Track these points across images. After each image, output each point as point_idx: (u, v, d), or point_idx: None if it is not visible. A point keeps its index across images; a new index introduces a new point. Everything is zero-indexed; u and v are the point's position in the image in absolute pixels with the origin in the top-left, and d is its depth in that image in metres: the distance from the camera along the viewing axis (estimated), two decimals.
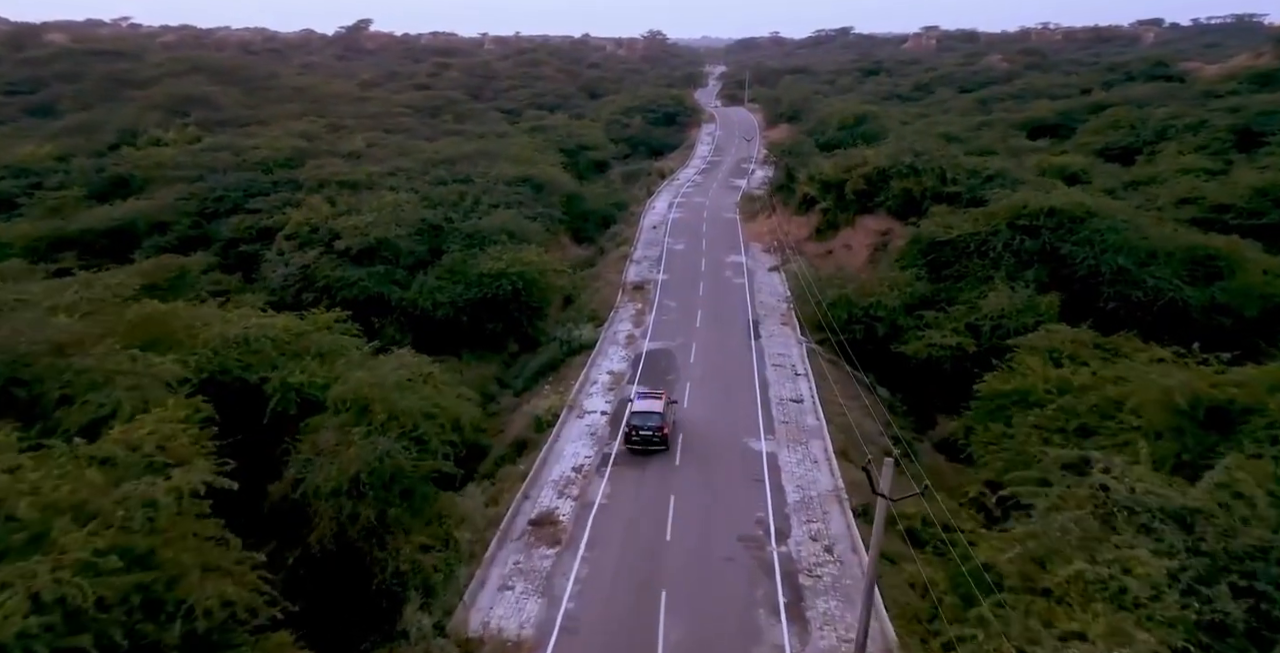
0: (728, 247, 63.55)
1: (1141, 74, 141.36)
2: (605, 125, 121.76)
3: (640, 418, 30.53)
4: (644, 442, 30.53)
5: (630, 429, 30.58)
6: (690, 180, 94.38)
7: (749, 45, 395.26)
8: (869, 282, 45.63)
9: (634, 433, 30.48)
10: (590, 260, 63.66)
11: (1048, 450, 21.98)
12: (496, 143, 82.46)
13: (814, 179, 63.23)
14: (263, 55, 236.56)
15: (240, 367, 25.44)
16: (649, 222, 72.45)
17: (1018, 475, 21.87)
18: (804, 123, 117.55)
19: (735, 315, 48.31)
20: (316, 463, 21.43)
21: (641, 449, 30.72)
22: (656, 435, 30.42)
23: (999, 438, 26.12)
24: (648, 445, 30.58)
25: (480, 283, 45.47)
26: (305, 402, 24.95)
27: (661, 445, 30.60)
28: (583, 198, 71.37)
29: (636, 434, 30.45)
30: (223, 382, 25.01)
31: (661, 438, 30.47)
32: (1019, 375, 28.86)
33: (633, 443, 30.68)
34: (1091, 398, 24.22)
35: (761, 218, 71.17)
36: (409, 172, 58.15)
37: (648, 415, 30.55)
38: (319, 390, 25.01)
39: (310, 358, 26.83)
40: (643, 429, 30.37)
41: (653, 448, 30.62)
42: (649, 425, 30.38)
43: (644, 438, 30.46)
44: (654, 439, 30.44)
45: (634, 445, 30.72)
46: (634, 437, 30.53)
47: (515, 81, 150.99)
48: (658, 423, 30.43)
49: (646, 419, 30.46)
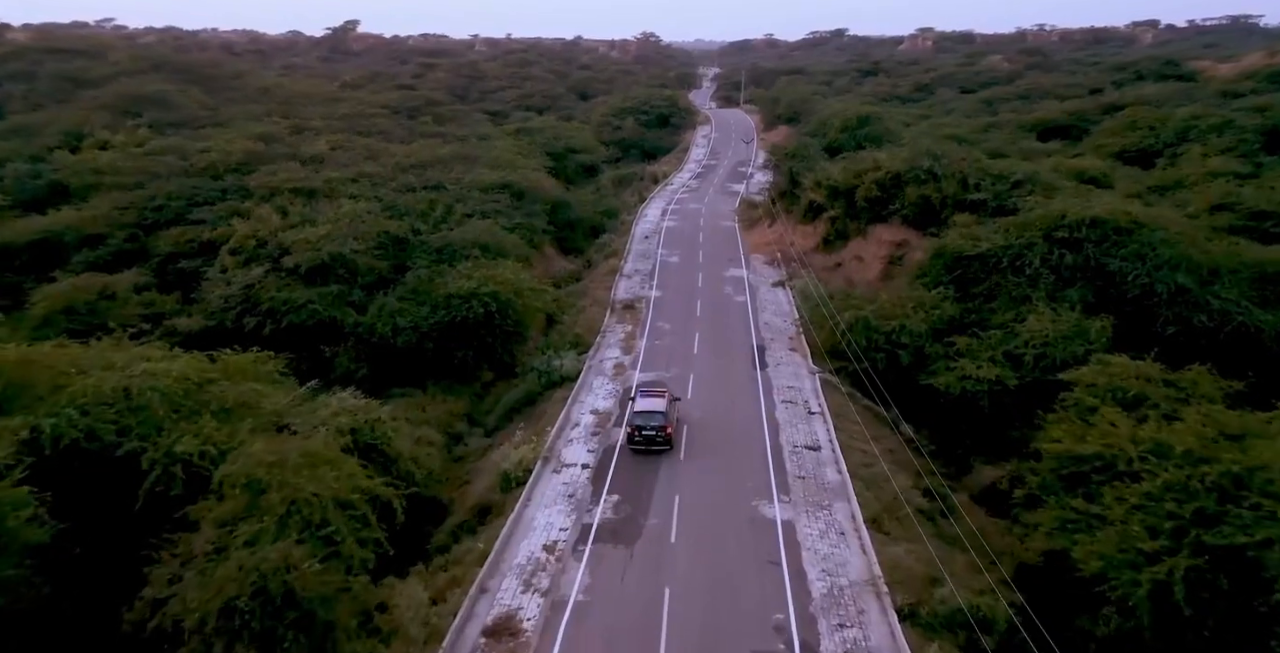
0: (727, 259, 58.09)
1: (1152, 73, 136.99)
2: (595, 127, 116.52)
3: (643, 418, 29.57)
4: (647, 442, 29.57)
5: (632, 430, 29.63)
6: (685, 185, 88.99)
7: (743, 47, 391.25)
8: (890, 302, 40.19)
9: (636, 433, 29.56)
10: (576, 274, 58.16)
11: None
12: (477, 146, 76.99)
13: (821, 185, 57.88)
14: (245, 57, 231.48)
15: (114, 431, 19.83)
16: (641, 231, 66.98)
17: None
18: (804, 125, 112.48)
19: (737, 340, 42.83)
20: (185, 579, 15.83)
21: (644, 450, 29.68)
22: (660, 436, 29.46)
23: (1084, 518, 20.63)
24: (650, 446, 29.60)
25: (448, 305, 39.92)
26: (194, 478, 19.37)
27: (665, 446, 29.64)
28: (569, 205, 65.92)
29: (639, 434, 29.52)
30: (89, 452, 19.41)
31: (665, 438, 29.54)
32: (1097, 432, 23.36)
33: (635, 444, 29.72)
34: (1208, 471, 18.81)
35: (763, 226, 65.77)
36: (374, 177, 52.56)
37: (650, 415, 29.62)
38: (212, 463, 19.42)
39: (211, 416, 21.23)
40: (645, 429, 29.44)
41: (656, 448, 29.63)
42: (652, 425, 29.42)
43: (647, 438, 29.51)
44: (657, 439, 29.51)
45: (637, 446, 29.75)
46: (636, 437, 29.60)
47: (503, 82, 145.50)
48: (661, 422, 29.43)
49: (649, 419, 29.50)
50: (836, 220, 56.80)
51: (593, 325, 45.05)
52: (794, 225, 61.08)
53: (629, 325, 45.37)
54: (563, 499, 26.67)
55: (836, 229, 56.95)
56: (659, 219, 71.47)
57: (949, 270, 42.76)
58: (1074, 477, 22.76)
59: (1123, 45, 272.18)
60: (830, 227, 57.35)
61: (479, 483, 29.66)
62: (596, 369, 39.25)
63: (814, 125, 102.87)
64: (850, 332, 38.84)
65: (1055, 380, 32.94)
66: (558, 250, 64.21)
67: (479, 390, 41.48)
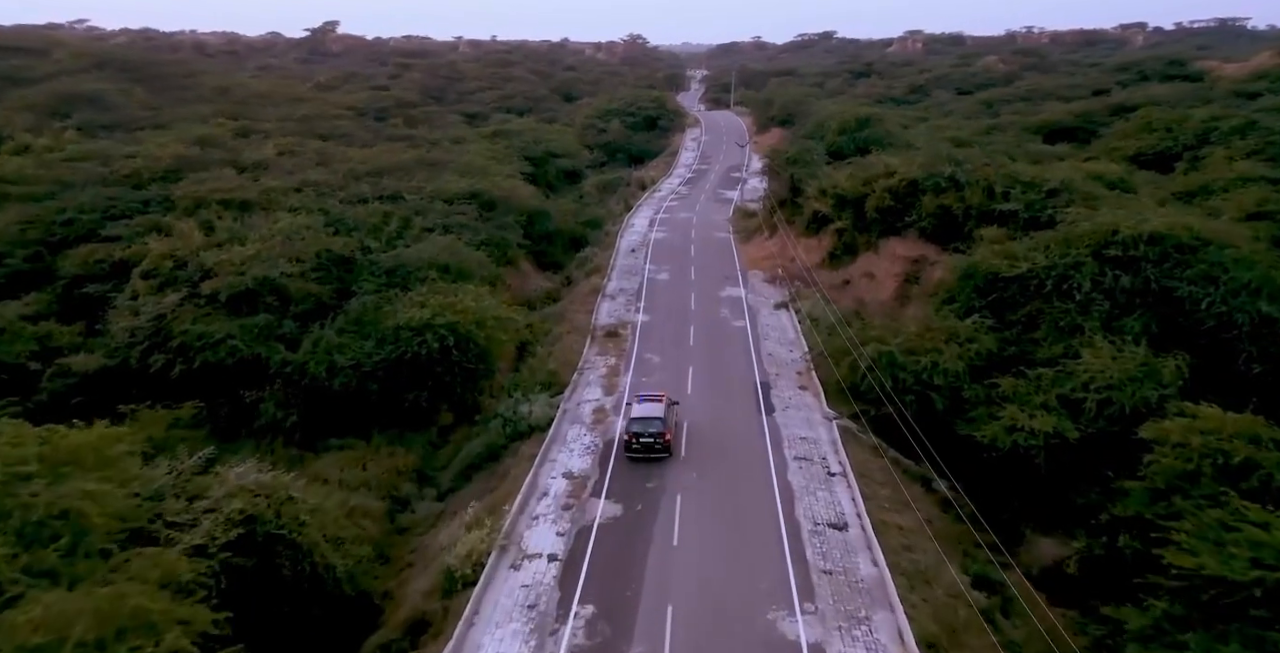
0: (722, 276, 52.07)
1: (1156, 74, 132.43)
2: (579, 130, 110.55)
3: (640, 424, 28.53)
4: (645, 449, 28.48)
5: (630, 436, 28.58)
6: (675, 192, 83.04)
7: (731, 50, 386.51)
8: (917, 333, 34.25)
9: (634, 440, 28.52)
10: (554, 293, 51.99)
11: None
12: (449, 150, 70.84)
13: (826, 194, 51.99)
14: (219, 58, 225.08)
15: None
16: (627, 243, 60.90)
17: None
18: (799, 127, 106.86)
19: (738, 375, 36.80)
20: None
21: (643, 458, 28.55)
22: (659, 443, 28.40)
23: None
24: (649, 454, 28.49)
25: (397, 338, 33.71)
26: None
27: (664, 453, 28.57)
28: (548, 215, 59.78)
29: (637, 441, 28.49)
30: None
31: (664, 445, 28.48)
32: (1244, 539, 17.37)
33: (633, 451, 28.64)
34: None
35: (761, 239, 59.85)
36: (321, 187, 46.23)
37: (648, 421, 28.54)
38: None
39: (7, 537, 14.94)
40: (644, 436, 28.41)
41: (654, 456, 28.51)
42: (650, 431, 28.37)
43: (645, 445, 28.43)
44: (656, 446, 28.43)
45: (635, 454, 28.66)
46: (634, 444, 28.54)
47: (482, 83, 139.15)
48: (659, 429, 28.41)
49: (647, 425, 28.46)
50: (844, 233, 50.93)
51: (570, 358, 38.89)
52: (796, 238, 55.17)
53: (612, 357, 39.26)
54: (520, 613, 20.42)
55: (844, 243, 51.08)
56: (647, 230, 65.43)
57: (981, 294, 36.94)
58: (1221, 610, 16.77)
59: (1114, 47, 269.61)
60: (837, 240, 51.47)
61: (419, 579, 23.41)
62: (573, 415, 33.09)
63: (810, 127, 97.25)
64: (872, 369, 32.88)
65: (1127, 433, 27.22)
66: (534, 266, 58.09)
67: (435, 438, 35.24)
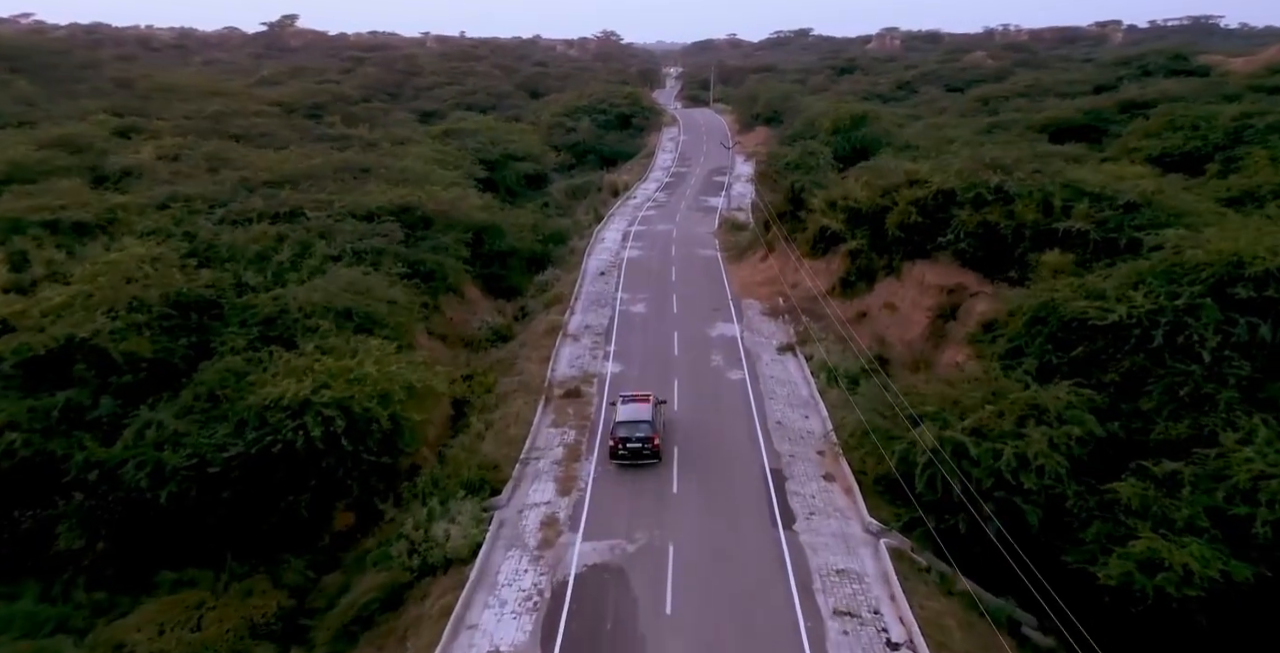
0: (710, 307, 42.51)
1: (1160, 68, 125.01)
2: (546, 130, 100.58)
3: (627, 428, 26.42)
4: (633, 455, 26.35)
5: (616, 442, 26.40)
6: (651, 199, 73.41)
7: (706, 47, 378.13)
8: (990, 413, 24.84)
9: (620, 445, 26.35)
10: (505, 330, 42.05)
11: None
12: (390, 152, 60.74)
13: (836, 207, 42.60)
14: (164, 52, 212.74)
15: None
16: (595, 263, 51.15)
17: None
18: (786, 126, 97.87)
19: (739, 459, 27.26)
20: None
21: (631, 463, 26.33)
22: (647, 448, 26.30)
23: None
24: (637, 459, 26.36)
25: (263, 423, 23.76)
26: None
27: (653, 458, 26.41)
28: (500, 231, 49.81)
29: (624, 447, 26.32)
30: None
31: (653, 450, 26.34)
32: None
33: (620, 457, 26.46)
34: None
35: (754, 258, 50.35)
36: (199, 202, 35.85)
37: (635, 425, 26.47)
38: None
39: None
40: (631, 440, 26.23)
41: (643, 462, 26.35)
42: (638, 436, 26.24)
43: (633, 450, 26.29)
44: (644, 452, 26.34)
45: (622, 461, 26.50)
46: (621, 450, 26.39)
47: (441, 78, 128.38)
48: (647, 433, 26.28)
49: (634, 429, 26.35)
50: (859, 255, 41.58)
51: (515, 433, 29.06)
52: (799, 257, 45.75)
53: (571, 430, 29.53)
54: None
55: (859, 266, 41.76)
56: (619, 246, 55.72)
57: (1059, 345, 27.80)
58: None
59: (1093, 44, 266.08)
60: (850, 263, 42.13)
61: None
62: (511, 532, 23.29)
63: (799, 126, 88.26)
64: (932, 462, 23.47)
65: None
66: (484, 292, 48.14)
67: (322, 554, 25.29)
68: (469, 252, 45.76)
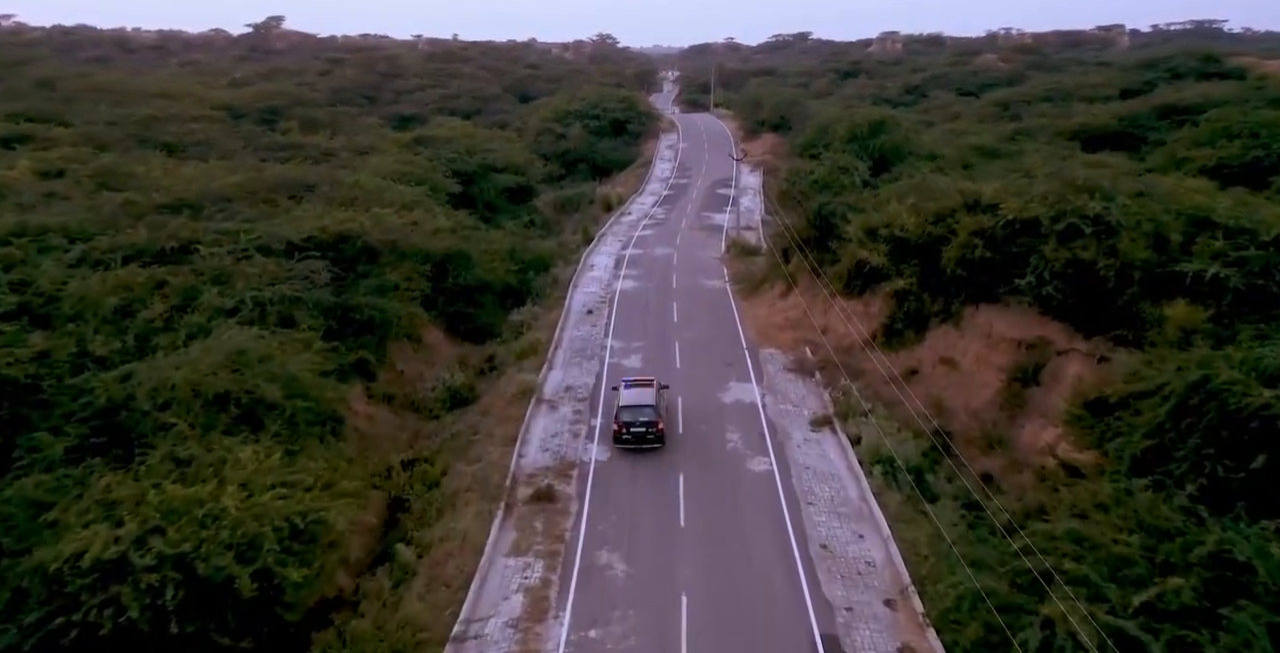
0: (722, 361, 34.20)
1: (1191, 71, 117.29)
2: (534, 136, 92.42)
3: (630, 413, 26.20)
4: (637, 439, 26.20)
5: (620, 426, 26.22)
6: (648, 215, 65.25)
7: (704, 51, 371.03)
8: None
9: (624, 430, 26.18)
10: (464, 391, 33.58)
11: None
12: (347, 164, 52.59)
13: (878, 235, 34.33)
14: (141, 53, 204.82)
15: None
16: (581, 298, 42.90)
17: None
18: (795, 132, 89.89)
19: (772, 618, 18.99)
20: None
21: (634, 448, 26.25)
22: (651, 432, 26.12)
23: None
24: (641, 444, 26.24)
25: (51, 596, 15.45)
26: None
27: (657, 443, 26.32)
28: (468, 260, 41.51)
29: (627, 431, 26.15)
30: None
31: (657, 434, 26.21)
32: None
33: (624, 442, 26.32)
34: None
35: (772, 291, 42.08)
36: (53, 235, 27.38)
37: (639, 409, 26.25)
38: None
39: None
40: (634, 425, 26.07)
41: (647, 446, 26.23)
42: (641, 420, 26.06)
43: (637, 435, 26.12)
44: (648, 436, 26.17)
45: (626, 445, 26.38)
46: (624, 435, 26.21)
47: (424, 80, 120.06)
48: (651, 417, 26.12)
49: (638, 413, 26.15)
50: (907, 296, 33.34)
51: (453, 574, 20.73)
52: (831, 294, 37.51)
53: (538, 559, 21.22)
54: None
55: (906, 311, 33.52)
56: (611, 275, 47.48)
57: (1223, 448, 19.65)
58: None
59: (1099, 48, 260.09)
60: (895, 306, 33.89)
61: None
62: None
63: (811, 133, 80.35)
64: None
65: None
66: (448, 334, 39.91)
67: None
68: (430, 285, 37.57)
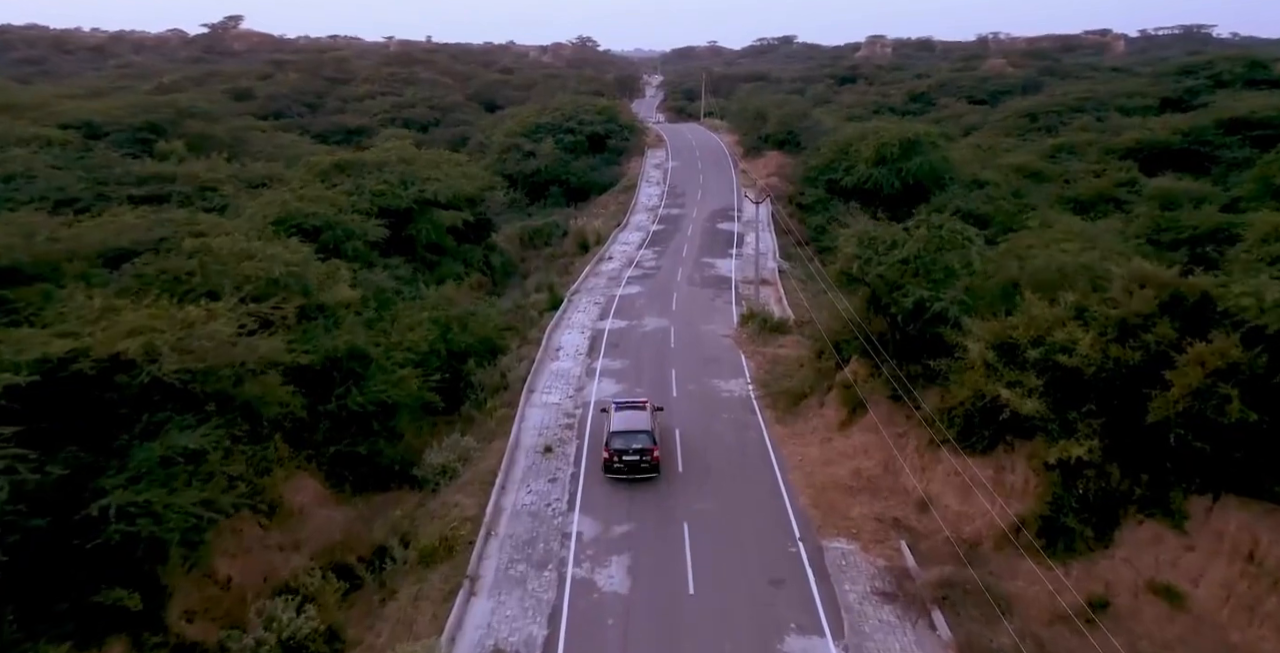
0: (762, 574, 20.17)
1: (1236, 78, 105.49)
2: (498, 153, 78.50)
3: (623, 439, 24.05)
4: (630, 468, 24.05)
5: (611, 454, 24.04)
6: (634, 261, 51.28)
7: (686, 54, 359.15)
8: None
9: (616, 458, 24.02)
10: (316, 646, 19.44)
11: None
12: (229, 201, 38.58)
13: (1024, 360, 20.45)
14: (78, 54, 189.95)
15: None
16: (538, 417, 28.78)
17: None
18: (805, 151, 76.38)
19: None
20: None
21: (627, 478, 24.13)
22: (645, 461, 23.99)
23: None
24: (634, 474, 24.09)
25: None
26: None
27: (652, 473, 24.11)
28: (370, 368, 27.25)
29: (619, 459, 24.01)
30: None
31: (651, 463, 24.07)
32: None
33: (615, 471, 24.20)
34: None
35: (821, 412, 28.08)
36: None
37: (633, 435, 24.03)
38: None
39: None
40: (627, 453, 23.90)
41: (640, 476, 24.07)
42: (634, 447, 23.90)
43: (630, 464, 24.01)
44: (642, 465, 24.04)
45: (618, 475, 24.24)
46: (616, 463, 24.09)
47: (376, 87, 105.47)
48: (646, 444, 23.98)
49: (631, 440, 24.02)
50: (1083, 471, 19.50)
51: None
52: (934, 442, 23.64)
53: None
54: None
55: (1083, 493, 19.65)
56: (583, 369, 33.44)
57: None
58: None
59: (1093, 53, 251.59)
60: (1062, 484, 19.94)
61: None
62: None
63: (829, 152, 67.02)
64: None
65: None
66: (327, 485, 25.70)
67: None
68: (304, 404, 23.50)
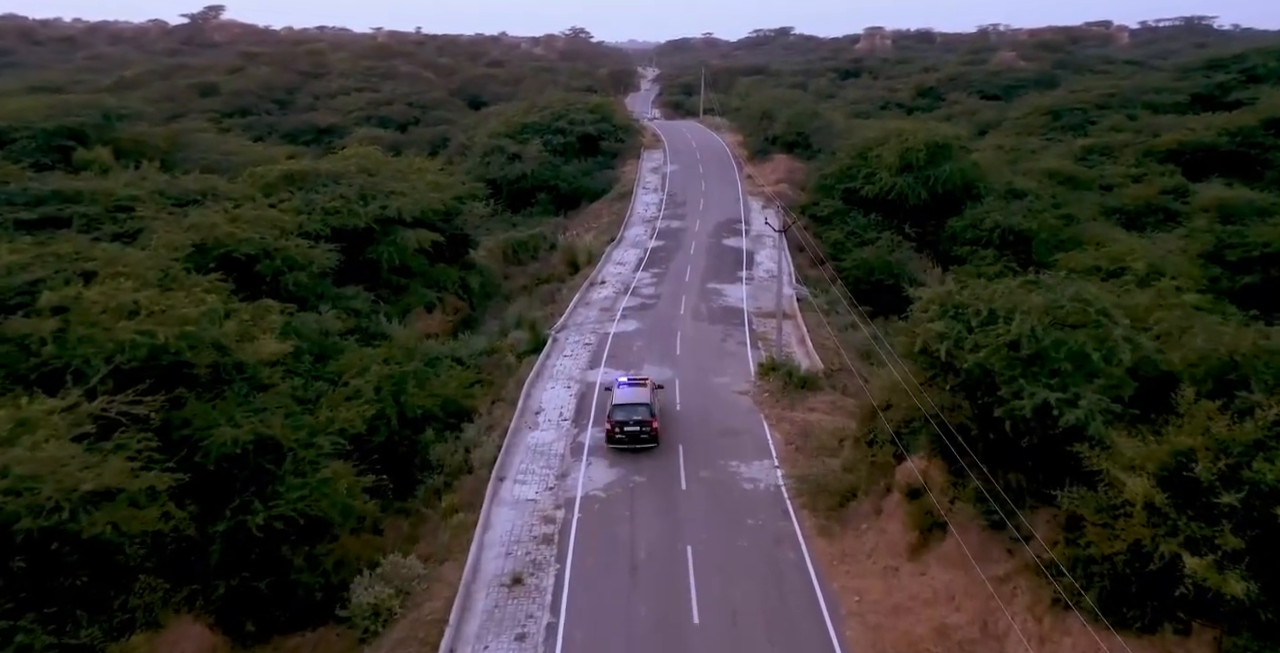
0: None
1: (1271, 73, 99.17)
2: (481, 156, 71.63)
3: (625, 411, 26.14)
4: (631, 439, 26.14)
5: (614, 425, 26.16)
6: (629, 288, 44.47)
7: (681, 46, 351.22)
8: None
9: (618, 429, 26.14)
10: None
11: None
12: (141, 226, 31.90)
13: (1223, 510, 13.73)
14: (48, 45, 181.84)
15: None
16: (504, 526, 22.06)
17: None
18: (818, 154, 69.58)
19: None
20: None
21: (629, 448, 26.19)
22: (645, 431, 26.10)
23: None
24: (634, 443, 26.19)
25: None
26: None
27: (651, 443, 26.27)
28: (276, 458, 20.59)
29: (621, 430, 26.12)
30: None
31: (651, 434, 26.19)
32: None
33: (618, 441, 26.28)
34: None
35: (878, 521, 21.49)
36: None
37: (634, 407, 26.21)
38: None
39: None
40: (628, 424, 26.04)
41: (641, 446, 26.18)
42: (635, 419, 26.03)
43: (630, 435, 26.08)
44: (642, 435, 26.14)
45: (620, 445, 26.31)
46: (618, 434, 26.18)
47: (352, 82, 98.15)
48: (645, 416, 26.09)
49: (632, 412, 26.12)
50: None
51: None
52: (1019, 576, 17.13)
53: None
54: None
55: None
56: (566, 444, 26.79)
57: None
58: None
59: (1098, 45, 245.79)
60: None
61: None
62: None
63: (847, 158, 60.26)
64: None
65: None
66: (218, 637, 19.00)
67: None
68: (192, 525, 16.81)
